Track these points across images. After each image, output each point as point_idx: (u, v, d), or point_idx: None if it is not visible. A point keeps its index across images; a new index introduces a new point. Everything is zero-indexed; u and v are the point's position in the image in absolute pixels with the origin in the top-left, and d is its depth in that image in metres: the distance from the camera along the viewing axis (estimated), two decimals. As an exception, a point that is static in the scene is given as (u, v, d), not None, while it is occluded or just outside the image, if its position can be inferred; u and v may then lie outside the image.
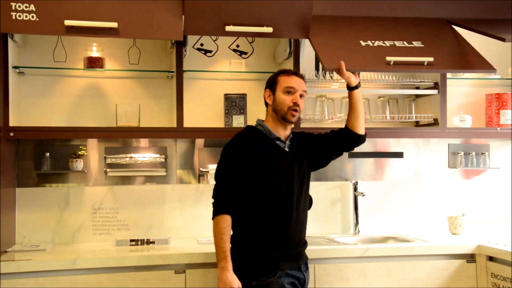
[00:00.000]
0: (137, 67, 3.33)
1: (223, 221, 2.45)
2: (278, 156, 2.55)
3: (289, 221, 2.52)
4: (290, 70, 2.65)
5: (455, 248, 3.05)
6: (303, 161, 2.63)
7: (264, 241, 2.50)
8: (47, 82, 3.26)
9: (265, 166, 2.51)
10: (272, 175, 2.51)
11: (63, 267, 2.69)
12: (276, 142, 2.58)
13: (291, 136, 2.65)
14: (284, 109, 2.54)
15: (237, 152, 2.53)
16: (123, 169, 3.30)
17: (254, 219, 2.52)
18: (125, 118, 3.20)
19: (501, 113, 3.52)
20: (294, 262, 2.55)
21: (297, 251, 2.58)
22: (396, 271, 2.96)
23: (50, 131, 3.02)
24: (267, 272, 2.47)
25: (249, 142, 2.56)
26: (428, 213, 3.63)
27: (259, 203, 2.51)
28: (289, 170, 2.55)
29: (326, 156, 2.76)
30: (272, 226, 2.51)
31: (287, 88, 2.55)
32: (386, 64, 2.89)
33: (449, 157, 3.69)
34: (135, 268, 2.75)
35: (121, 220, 3.29)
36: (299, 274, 2.56)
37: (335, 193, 3.56)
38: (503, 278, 2.86)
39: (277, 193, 2.51)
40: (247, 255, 2.51)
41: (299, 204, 2.58)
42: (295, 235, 2.56)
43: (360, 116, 2.73)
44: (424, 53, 2.99)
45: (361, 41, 3.04)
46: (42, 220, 3.20)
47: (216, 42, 3.44)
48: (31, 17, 2.73)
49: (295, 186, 2.56)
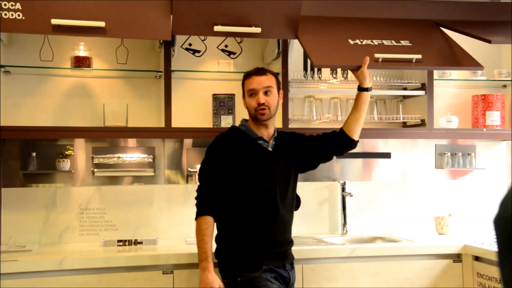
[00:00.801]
0: (125, 66, 3.31)
1: (204, 222, 2.48)
2: (260, 156, 2.56)
3: (272, 221, 2.53)
4: (252, 70, 2.64)
5: (442, 248, 3.07)
6: (289, 161, 2.63)
7: (248, 241, 2.51)
8: (33, 82, 3.23)
9: (247, 166, 2.52)
10: (254, 175, 2.52)
11: (50, 268, 2.67)
12: (258, 142, 2.58)
13: (276, 135, 2.65)
14: (252, 112, 2.58)
15: (220, 152, 2.54)
16: (111, 169, 3.29)
17: (237, 219, 2.53)
18: (113, 118, 3.18)
19: (487, 114, 3.55)
20: (279, 261, 2.56)
21: (281, 250, 2.58)
22: (383, 271, 2.98)
23: (36, 130, 3.00)
24: (251, 268, 2.48)
25: (231, 142, 2.57)
26: (415, 213, 3.66)
27: (242, 203, 2.52)
28: (272, 169, 2.55)
29: (315, 158, 2.76)
30: (255, 226, 2.52)
31: (249, 91, 2.58)
32: (375, 61, 2.90)
33: (436, 157, 3.72)
34: (123, 269, 2.74)
35: (108, 220, 3.27)
36: (284, 272, 2.57)
37: (323, 193, 3.57)
38: (489, 278, 2.89)
39: (260, 193, 2.52)
40: (232, 254, 2.53)
41: (284, 204, 2.58)
42: (280, 234, 2.57)
43: (361, 120, 2.74)
44: (412, 51, 3.02)
45: (349, 39, 3.05)
46: (28, 221, 3.17)
47: (204, 42, 3.44)
48: (17, 16, 2.71)
49: (279, 186, 2.56)
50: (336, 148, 2.77)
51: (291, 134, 2.75)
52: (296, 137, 2.74)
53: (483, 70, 3.52)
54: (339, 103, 3.51)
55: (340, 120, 3.47)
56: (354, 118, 2.74)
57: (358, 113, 2.74)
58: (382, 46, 3.03)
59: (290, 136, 2.73)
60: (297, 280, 2.84)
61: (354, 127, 2.73)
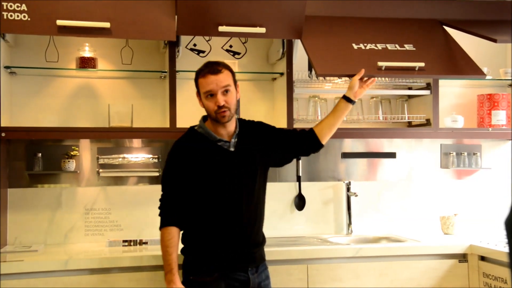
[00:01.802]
0: (130, 67, 3.32)
1: (168, 233, 2.42)
2: (221, 158, 2.45)
3: (236, 222, 2.44)
4: (205, 67, 2.48)
5: (447, 248, 3.06)
6: (255, 159, 2.51)
7: (205, 244, 2.44)
8: (39, 82, 3.24)
9: (209, 169, 2.43)
10: (216, 178, 2.43)
11: (55, 268, 2.68)
12: (218, 144, 2.47)
13: (238, 131, 2.51)
14: (212, 115, 2.44)
15: (180, 158, 2.45)
16: (116, 169, 3.29)
17: (200, 223, 2.45)
18: (118, 119, 3.18)
19: (493, 113, 3.54)
20: (239, 264, 2.45)
21: (245, 253, 2.46)
22: (388, 271, 2.97)
23: (42, 131, 3.01)
24: (201, 273, 2.43)
25: (191, 146, 2.47)
26: (420, 213, 3.65)
27: (205, 207, 2.44)
28: (235, 170, 2.45)
29: (285, 155, 2.65)
30: (216, 229, 2.43)
31: (206, 93, 2.43)
32: (378, 70, 2.90)
33: (441, 157, 3.71)
34: (128, 269, 2.74)
35: (113, 220, 3.28)
36: (243, 276, 2.45)
37: (328, 193, 3.57)
38: (495, 278, 2.87)
39: (221, 196, 2.43)
40: (190, 254, 2.48)
41: (250, 205, 2.47)
42: (244, 236, 2.46)
43: (335, 128, 2.67)
44: (415, 57, 3.01)
45: (353, 44, 3.04)
46: (34, 221, 3.18)
47: (209, 42, 3.44)
48: (23, 17, 2.72)
49: (243, 186, 2.45)
50: (305, 149, 2.67)
51: (258, 125, 2.63)
52: (265, 129, 2.62)
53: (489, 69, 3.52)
54: (344, 103, 3.50)
55: (345, 120, 3.47)
56: (329, 124, 2.64)
57: (335, 120, 2.65)
58: (386, 51, 3.03)
59: (256, 128, 2.60)
60: (302, 280, 2.84)
61: (327, 132, 2.64)
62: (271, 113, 3.46)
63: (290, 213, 3.49)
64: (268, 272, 2.59)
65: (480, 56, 3.37)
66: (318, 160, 3.55)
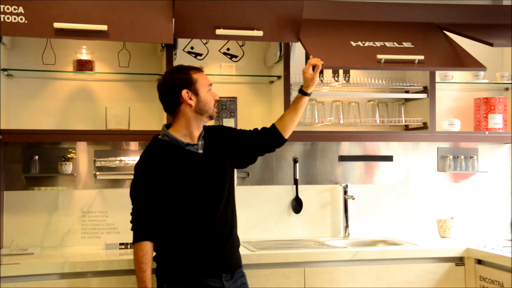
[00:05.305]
0: (127, 70, 3.32)
1: (140, 249, 2.37)
2: (190, 161, 2.41)
3: (208, 224, 2.39)
4: (193, 66, 2.51)
5: (444, 251, 3.07)
6: (223, 159, 2.49)
7: (181, 248, 2.39)
8: (36, 85, 3.24)
9: (180, 175, 2.39)
10: (186, 182, 2.39)
11: (52, 271, 2.67)
12: (186, 148, 2.43)
13: (203, 133, 2.50)
14: (212, 108, 2.45)
15: (148, 169, 2.41)
16: (113, 172, 3.29)
17: (172, 227, 2.40)
18: (115, 121, 3.18)
19: (489, 117, 3.55)
20: (213, 270, 2.40)
21: (218, 257, 2.41)
22: (385, 274, 2.97)
23: (39, 134, 3.00)
24: (173, 280, 2.39)
25: (158, 156, 2.41)
26: (417, 217, 3.65)
27: (177, 211, 2.39)
28: (207, 172, 2.42)
29: (249, 154, 2.64)
30: (190, 231, 2.39)
31: (209, 86, 2.46)
32: (377, 62, 2.89)
33: (438, 160, 3.71)
34: (125, 272, 2.74)
35: (110, 223, 3.27)
36: (217, 283, 2.39)
37: (325, 197, 3.57)
38: (492, 281, 2.88)
39: (193, 198, 2.39)
40: (163, 261, 2.43)
41: (221, 205, 2.43)
42: (216, 241, 2.40)
43: (296, 122, 2.67)
44: (414, 52, 3.01)
45: (351, 41, 3.05)
46: (30, 224, 3.17)
47: (206, 45, 3.44)
48: (20, 20, 2.72)
49: (215, 187, 2.42)
50: (268, 145, 2.66)
51: (219, 128, 2.64)
52: (227, 131, 2.62)
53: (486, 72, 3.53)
54: (341, 106, 3.51)
55: (342, 123, 3.48)
56: (291, 119, 2.63)
57: (296, 115, 2.65)
58: (384, 48, 3.03)
59: (219, 131, 2.59)
60: (299, 283, 2.85)
61: (289, 127, 2.65)
62: (268, 116, 3.46)
63: (287, 216, 3.49)
64: (246, 279, 2.54)
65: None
66: (315, 163, 3.55)
